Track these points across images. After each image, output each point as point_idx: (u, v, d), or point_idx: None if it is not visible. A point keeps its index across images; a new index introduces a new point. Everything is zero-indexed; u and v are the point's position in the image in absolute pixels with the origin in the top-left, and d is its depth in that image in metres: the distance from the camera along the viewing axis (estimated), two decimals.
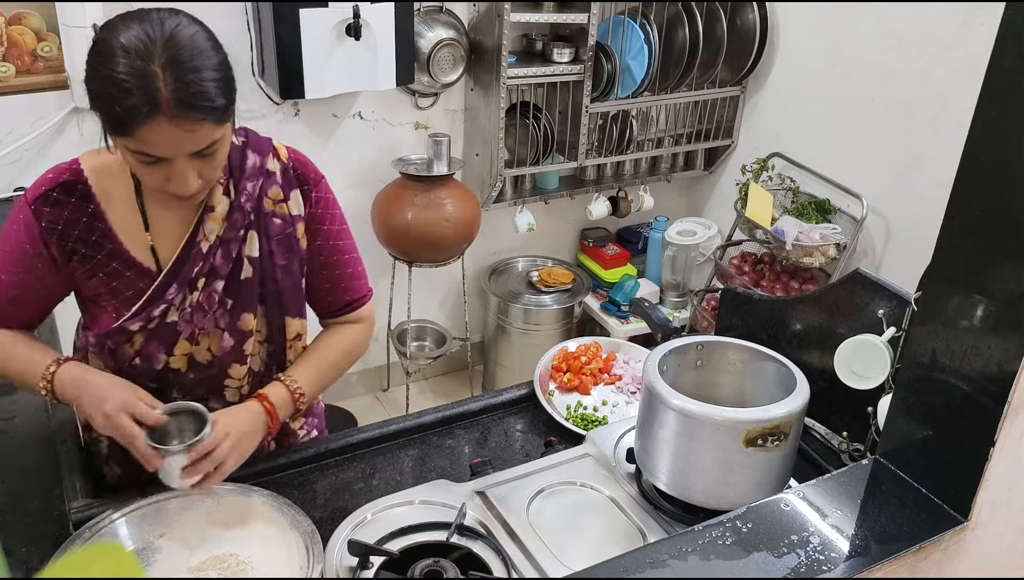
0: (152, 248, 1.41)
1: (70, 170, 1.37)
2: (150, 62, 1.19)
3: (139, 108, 1.19)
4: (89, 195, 1.37)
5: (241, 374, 1.52)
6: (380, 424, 1.68)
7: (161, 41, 1.21)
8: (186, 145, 1.24)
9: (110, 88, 1.20)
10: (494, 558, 1.31)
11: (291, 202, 1.48)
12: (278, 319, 1.53)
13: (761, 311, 1.77)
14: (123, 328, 1.42)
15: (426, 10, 2.97)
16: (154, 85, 1.19)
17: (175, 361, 1.48)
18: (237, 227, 1.43)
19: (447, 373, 3.74)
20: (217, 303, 1.46)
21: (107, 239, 1.39)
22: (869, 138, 2.98)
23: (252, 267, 1.46)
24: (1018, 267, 0.99)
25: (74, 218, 1.36)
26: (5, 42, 2.46)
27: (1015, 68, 0.95)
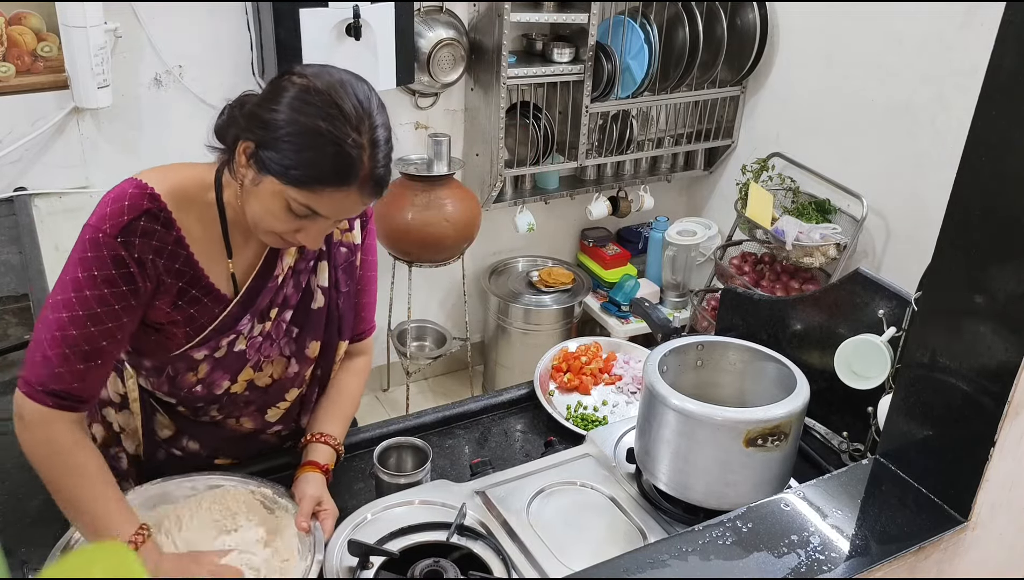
0: (233, 276, 1.38)
1: (147, 196, 1.27)
2: (361, 134, 1.21)
3: (343, 176, 1.21)
4: (171, 222, 1.29)
5: (294, 397, 1.54)
6: (380, 424, 1.68)
7: (374, 107, 1.24)
8: (349, 214, 1.28)
9: (320, 143, 1.19)
10: (494, 558, 1.31)
11: (354, 232, 1.50)
12: (333, 343, 1.53)
13: (761, 311, 1.77)
14: (187, 355, 1.39)
15: (426, 10, 2.97)
16: (361, 159, 1.22)
17: (236, 387, 1.47)
18: (308, 258, 1.44)
19: (447, 373, 3.74)
20: (284, 333, 1.46)
21: (189, 266, 1.33)
22: (869, 138, 2.98)
23: (323, 297, 1.47)
24: (1018, 267, 0.99)
25: (161, 246, 1.29)
26: (5, 42, 2.46)
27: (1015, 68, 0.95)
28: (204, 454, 1.54)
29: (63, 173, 2.64)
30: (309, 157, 1.20)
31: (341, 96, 1.21)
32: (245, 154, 1.25)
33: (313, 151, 1.20)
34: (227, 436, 1.54)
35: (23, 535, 1.36)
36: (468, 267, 3.39)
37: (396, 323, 3.39)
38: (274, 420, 1.55)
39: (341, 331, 1.53)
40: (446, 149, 2.97)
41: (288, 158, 1.21)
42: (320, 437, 1.50)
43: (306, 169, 1.21)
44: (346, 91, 1.22)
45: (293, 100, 1.21)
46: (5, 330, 1.93)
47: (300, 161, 1.20)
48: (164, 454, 1.53)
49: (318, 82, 1.22)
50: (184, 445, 1.52)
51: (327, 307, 1.49)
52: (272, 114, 1.22)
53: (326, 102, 1.20)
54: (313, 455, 1.47)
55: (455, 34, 2.97)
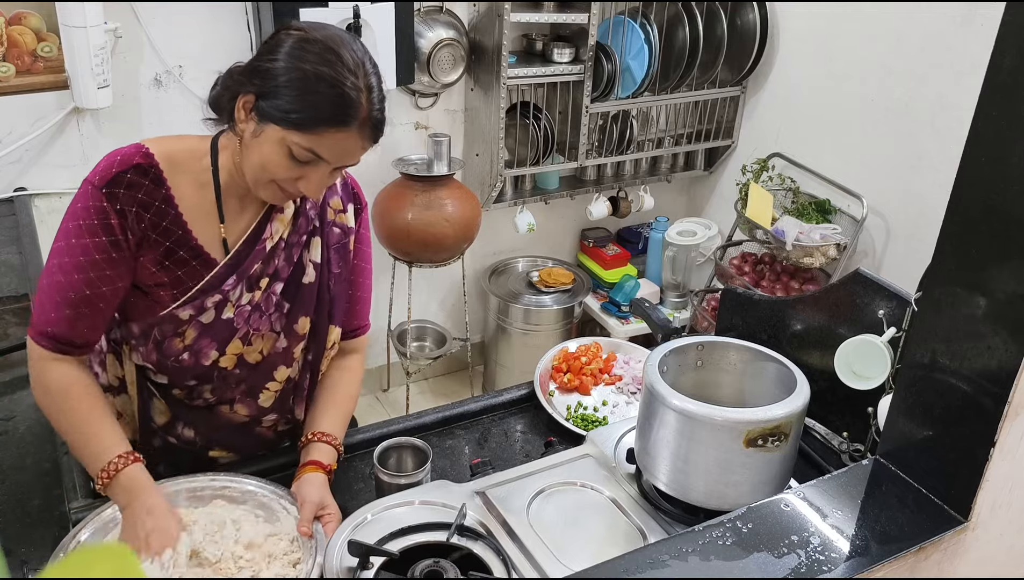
0: (224, 240, 1.41)
1: (139, 153, 1.32)
2: (359, 78, 1.28)
3: (342, 115, 1.26)
4: (161, 179, 1.33)
5: (284, 377, 1.53)
6: (380, 424, 1.68)
7: (368, 61, 1.31)
8: (349, 159, 1.32)
9: (321, 86, 1.24)
10: (494, 558, 1.31)
11: (348, 214, 1.53)
12: (324, 326, 1.54)
13: (761, 311, 1.77)
14: (173, 315, 1.40)
15: (426, 10, 2.97)
16: (360, 100, 1.28)
17: (225, 360, 1.47)
18: (301, 232, 1.46)
19: (447, 373, 3.74)
20: (275, 306, 1.47)
21: (177, 225, 1.35)
22: (869, 138, 2.98)
23: (315, 272, 1.49)
24: (1018, 267, 0.99)
25: (147, 201, 1.32)
26: (5, 42, 2.46)
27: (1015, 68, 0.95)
28: (200, 443, 1.54)
29: (63, 173, 2.64)
30: (311, 100, 1.25)
31: (338, 44, 1.28)
32: (245, 108, 1.30)
33: (314, 94, 1.25)
34: (222, 425, 1.54)
35: (23, 535, 1.36)
36: (468, 267, 3.39)
37: (396, 323, 3.39)
38: (267, 405, 1.54)
39: (332, 315, 1.54)
40: (446, 149, 2.97)
41: (290, 103, 1.25)
42: (320, 436, 1.50)
43: (308, 111, 1.25)
44: (343, 40, 1.29)
45: (292, 49, 1.27)
46: (5, 330, 1.93)
47: (302, 104, 1.25)
48: (160, 441, 1.53)
49: (315, 32, 1.29)
50: (179, 432, 1.53)
51: (318, 284, 1.50)
52: (271, 64, 1.27)
53: (324, 49, 1.26)
54: (315, 455, 1.47)
55: (455, 34, 2.97)
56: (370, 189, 3.07)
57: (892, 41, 2.84)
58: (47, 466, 1.52)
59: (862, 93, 2.97)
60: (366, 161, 3.47)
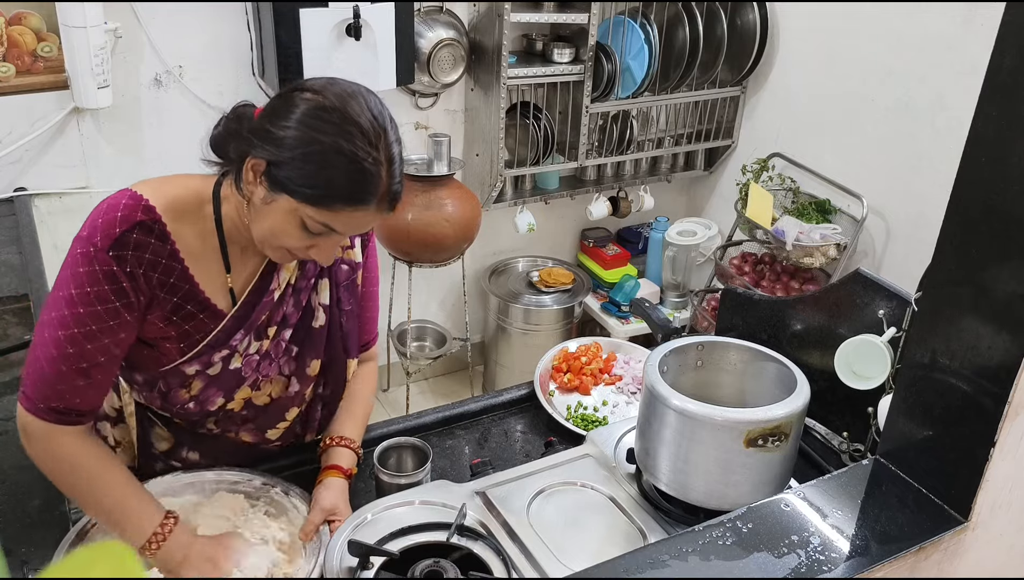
0: (231, 290, 1.36)
1: (140, 208, 1.24)
2: (379, 151, 1.19)
3: (363, 195, 1.20)
4: (165, 235, 1.26)
5: (294, 415, 1.52)
6: (380, 424, 1.68)
7: (389, 125, 1.22)
8: (365, 229, 1.28)
9: (340, 162, 1.17)
10: (494, 558, 1.31)
11: (355, 249, 1.49)
12: (340, 362, 1.52)
13: (761, 311, 1.77)
14: (179, 370, 1.36)
15: (426, 10, 2.97)
16: (379, 175, 1.20)
17: (232, 404, 1.45)
18: (308, 276, 1.43)
19: (447, 373, 3.74)
20: (284, 351, 1.44)
21: (184, 280, 1.30)
22: (869, 138, 2.98)
23: (324, 315, 1.46)
24: (1018, 267, 0.99)
25: (155, 260, 1.25)
26: (5, 42, 2.46)
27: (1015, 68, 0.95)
28: (204, 464, 1.52)
29: (63, 173, 2.64)
30: (329, 176, 1.18)
31: (356, 112, 1.19)
32: (254, 172, 1.22)
33: (333, 170, 1.17)
34: (227, 447, 1.52)
35: (23, 535, 1.36)
36: (468, 267, 3.39)
37: (396, 323, 3.39)
38: (274, 438, 1.54)
39: (348, 349, 1.53)
40: (446, 149, 2.97)
41: (304, 177, 1.18)
42: (340, 440, 1.50)
43: (326, 188, 1.19)
44: (360, 106, 1.20)
45: (306, 117, 1.18)
46: (5, 330, 1.93)
47: (317, 180, 1.18)
48: (163, 466, 1.51)
49: (331, 97, 1.19)
50: (183, 456, 1.51)
51: (328, 325, 1.47)
52: (285, 132, 1.18)
53: (343, 119, 1.18)
54: (335, 459, 1.47)
55: (455, 34, 2.97)
56: None
57: (892, 41, 2.84)
58: None
59: (862, 93, 2.97)
60: None
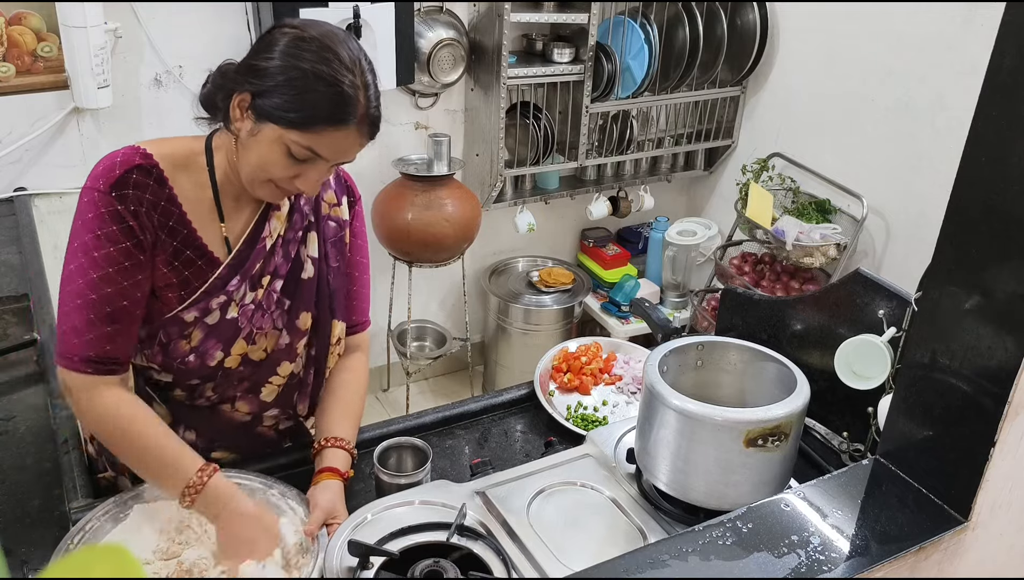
0: (226, 239, 1.41)
1: (138, 154, 1.31)
2: (356, 75, 1.28)
3: (340, 113, 1.26)
4: (163, 179, 1.32)
5: (287, 372, 1.53)
6: (380, 424, 1.68)
7: (363, 58, 1.30)
8: (345, 156, 1.33)
9: (320, 84, 1.24)
10: (494, 558, 1.31)
11: (342, 207, 1.53)
12: (327, 321, 1.54)
13: (761, 311, 1.77)
14: (178, 317, 1.39)
15: (426, 10, 2.97)
16: (358, 98, 1.28)
17: (230, 360, 1.47)
18: (296, 228, 1.47)
19: (447, 373, 3.74)
20: (275, 303, 1.47)
21: (182, 225, 1.35)
22: (869, 138, 2.98)
23: (313, 267, 1.49)
24: (1018, 267, 0.99)
25: (154, 201, 1.31)
26: (5, 42, 2.46)
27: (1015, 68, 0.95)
28: (201, 445, 1.52)
29: (63, 173, 2.64)
30: (309, 99, 1.25)
31: (335, 42, 1.28)
32: (241, 107, 1.29)
33: (313, 92, 1.25)
34: (224, 425, 1.53)
35: (23, 535, 1.36)
36: (468, 267, 3.39)
37: (396, 323, 3.39)
38: (269, 400, 1.54)
39: (334, 309, 1.54)
40: (446, 149, 2.97)
41: (288, 102, 1.25)
42: (334, 441, 1.50)
43: (308, 110, 1.25)
44: (338, 38, 1.29)
45: (288, 47, 1.26)
46: (5, 330, 1.93)
47: (301, 103, 1.25)
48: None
49: (311, 30, 1.28)
50: (180, 435, 1.50)
51: (317, 278, 1.50)
52: (268, 63, 1.26)
53: (321, 47, 1.26)
54: (330, 461, 1.47)
55: (455, 34, 2.97)
56: (370, 189, 3.09)
57: (892, 41, 2.84)
58: (47, 466, 1.52)
59: (862, 93, 2.97)
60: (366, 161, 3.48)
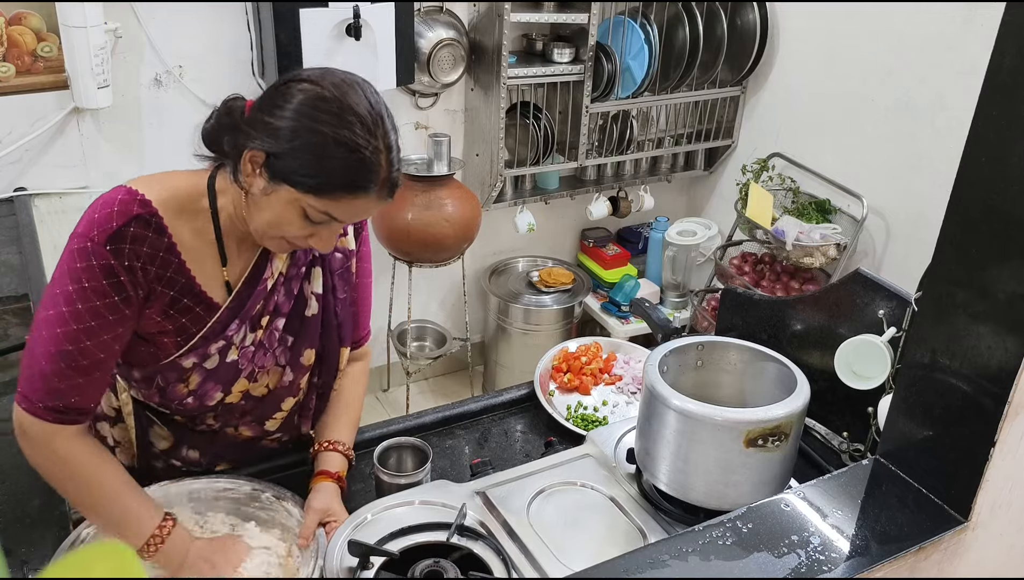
0: (227, 283, 1.36)
1: (136, 202, 1.24)
2: (377, 139, 1.21)
3: (361, 182, 1.21)
4: (163, 228, 1.26)
5: (290, 406, 1.52)
6: (380, 424, 1.68)
7: (386, 114, 1.23)
8: (366, 216, 1.29)
9: (340, 152, 1.18)
10: (494, 558, 1.31)
11: (348, 237, 1.50)
12: (334, 351, 1.52)
13: (761, 311, 1.77)
14: (176, 364, 1.35)
15: (426, 10, 2.97)
16: (379, 162, 1.21)
17: (230, 398, 1.45)
18: (299, 264, 1.42)
19: (447, 373, 3.74)
20: (278, 341, 1.44)
21: (181, 274, 1.30)
22: (869, 138, 2.98)
23: (318, 303, 1.46)
24: (1018, 267, 0.99)
25: (152, 253, 1.26)
26: (5, 42, 2.46)
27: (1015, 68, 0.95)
28: (204, 462, 1.52)
29: (63, 173, 2.64)
30: (330, 166, 1.19)
31: (354, 101, 1.20)
32: (253, 164, 1.22)
33: (334, 160, 1.19)
34: (227, 444, 1.52)
35: (23, 535, 1.36)
36: (468, 267, 3.39)
37: (396, 323, 3.39)
38: (273, 429, 1.54)
39: (342, 338, 1.52)
40: (446, 149, 2.97)
41: (305, 167, 1.19)
42: (330, 445, 1.50)
43: (327, 178, 1.20)
44: (357, 96, 1.21)
45: (304, 107, 1.19)
46: (5, 330, 1.93)
47: (319, 170, 1.19)
48: (162, 465, 1.51)
49: (328, 86, 1.20)
50: (183, 455, 1.51)
51: (322, 314, 1.47)
52: (283, 121, 1.19)
53: (342, 108, 1.19)
54: (325, 464, 1.47)
55: (455, 34, 2.97)
56: None
57: (892, 41, 2.84)
58: None
59: (862, 93, 2.97)
60: None
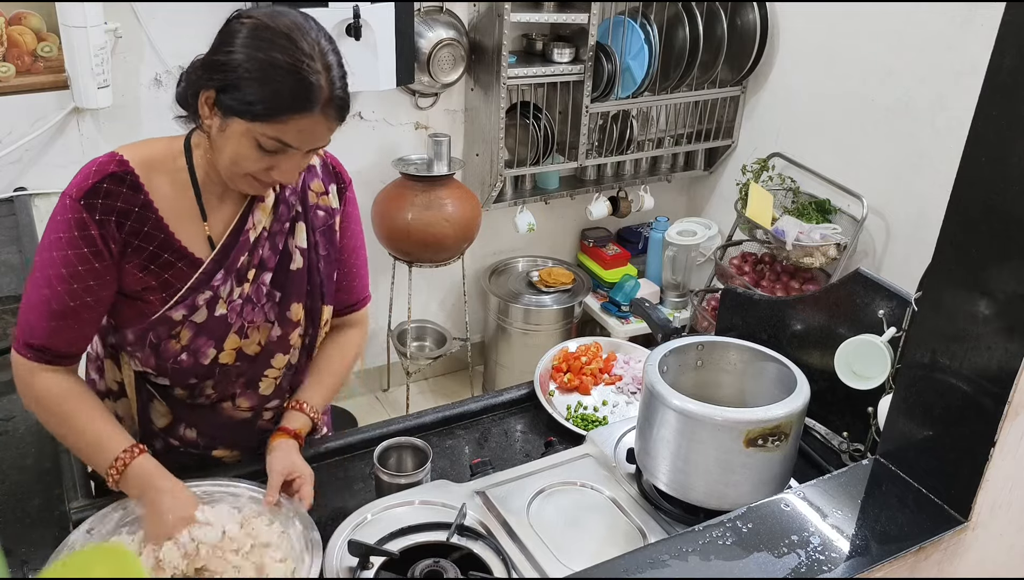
0: (209, 238, 1.41)
1: (114, 162, 1.33)
2: (315, 59, 1.26)
3: (303, 100, 1.25)
4: (138, 185, 1.34)
5: (282, 363, 1.54)
6: (380, 424, 1.68)
7: (324, 41, 1.28)
8: (317, 142, 1.31)
9: (277, 74, 1.23)
10: (494, 558, 1.31)
11: (330, 196, 1.52)
12: (318, 308, 1.54)
13: (761, 311, 1.77)
14: (166, 317, 1.39)
15: (426, 10, 2.97)
16: (319, 82, 1.25)
17: (224, 356, 1.47)
18: (283, 220, 1.46)
19: (447, 373, 3.74)
20: (266, 296, 1.47)
21: (159, 229, 1.36)
22: (869, 138, 2.98)
23: (302, 258, 1.49)
24: (1018, 267, 0.99)
25: (126, 209, 1.33)
26: (5, 42, 2.46)
27: (1015, 68, 0.95)
28: (202, 443, 1.54)
29: (63, 173, 2.62)
30: (271, 89, 1.24)
31: (292, 28, 1.26)
32: (208, 104, 1.29)
33: (274, 82, 1.24)
34: (225, 422, 1.54)
35: (23, 535, 1.36)
36: (468, 267, 3.39)
37: (396, 323, 3.39)
38: (268, 393, 1.54)
39: (324, 295, 1.54)
40: (446, 149, 2.97)
41: (251, 95, 1.24)
42: (296, 405, 1.52)
43: (269, 101, 1.24)
44: (296, 23, 1.27)
45: (246, 39, 1.26)
46: (5, 330, 1.93)
47: (263, 94, 1.24)
48: (162, 444, 1.53)
49: (267, 19, 1.27)
50: (181, 434, 1.52)
51: (307, 269, 1.50)
52: (228, 56, 1.26)
53: (278, 35, 1.25)
54: (286, 422, 1.50)
55: (455, 34, 2.97)
56: (370, 189, 3.09)
57: (892, 41, 2.84)
58: (47, 466, 1.52)
59: (862, 93, 2.97)
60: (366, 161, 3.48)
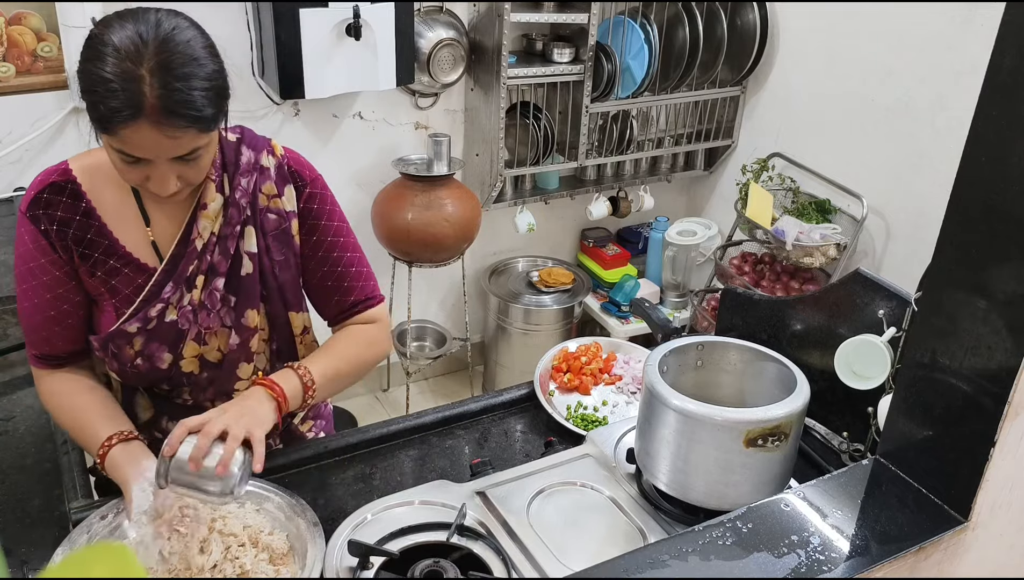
0: (154, 243, 1.41)
1: (57, 172, 1.37)
2: (139, 65, 1.19)
3: (122, 110, 1.19)
4: (79, 193, 1.36)
5: (248, 373, 1.52)
6: (380, 424, 1.68)
7: (154, 44, 1.21)
8: (167, 150, 1.25)
9: (97, 86, 1.20)
10: (494, 558, 1.31)
11: (284, 198, 1.48)
12: (282, 315, 1.53)
13: (761, 311, 1.77)
14: (122, 330, 1.41)
15: (426, 10, 2.97)
16: (139, 89, 1.19)
17: (187, 364, 1.47)
18: (233, 223, 1.43)
19: (447, 373, 3.74)
20: (220, 301, 1.45)
21: (102, 236, 1.38)
22: (869, 138, 2.98)
23: (252, 263, 1.46)
24: (1018, 267, 0.99)
25: (67, 217, 1.36)
26: (5, 42, 2.46)
27: (1015, 68, 0.95)
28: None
29: None
30: (94, 100, 1.21)
31: (114, 31, 1.21)
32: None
33: (92, 94, 1.21)
34: None
35: (23, 535, 1.36)
36: (468, 267, 3.39)
37: (396, 323, 3.39)
38: None
39: (287, 302, 1.51)
40: (446, 149, 2.97)
41: (89, 108, 1.22)
42: (291, 365, 1.44)
43: (96, 113, 1.21)
44: (122, 25, 1.21)
45: (83, 51, 1.24)
46: (5, 330, 1.93)
47: (91, 107, 1.22)
48: (147, 437, 1.50)
49: (101, 26, 1.23)
50: (164, 427, 1.52)
51: (259, 274, 1.46)
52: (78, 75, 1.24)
53: (103, 43, 1.20)
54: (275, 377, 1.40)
55: (455, 34, 2.97)
56: (370, 189, 3.09)
57: (892, 41, 2.84)
58: (47, 466, 1.52)
59: (862, 93, 2.97)
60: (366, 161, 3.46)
